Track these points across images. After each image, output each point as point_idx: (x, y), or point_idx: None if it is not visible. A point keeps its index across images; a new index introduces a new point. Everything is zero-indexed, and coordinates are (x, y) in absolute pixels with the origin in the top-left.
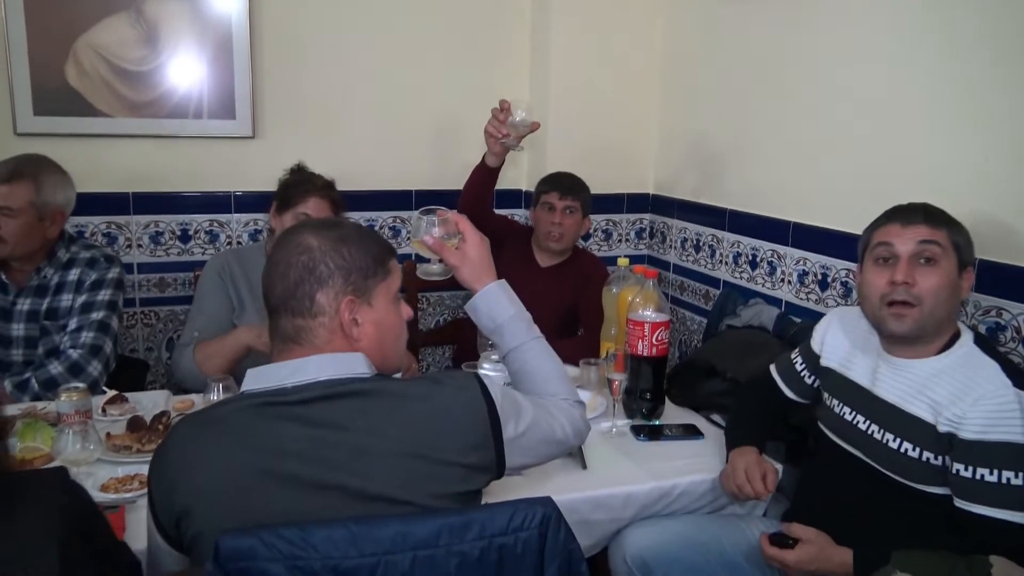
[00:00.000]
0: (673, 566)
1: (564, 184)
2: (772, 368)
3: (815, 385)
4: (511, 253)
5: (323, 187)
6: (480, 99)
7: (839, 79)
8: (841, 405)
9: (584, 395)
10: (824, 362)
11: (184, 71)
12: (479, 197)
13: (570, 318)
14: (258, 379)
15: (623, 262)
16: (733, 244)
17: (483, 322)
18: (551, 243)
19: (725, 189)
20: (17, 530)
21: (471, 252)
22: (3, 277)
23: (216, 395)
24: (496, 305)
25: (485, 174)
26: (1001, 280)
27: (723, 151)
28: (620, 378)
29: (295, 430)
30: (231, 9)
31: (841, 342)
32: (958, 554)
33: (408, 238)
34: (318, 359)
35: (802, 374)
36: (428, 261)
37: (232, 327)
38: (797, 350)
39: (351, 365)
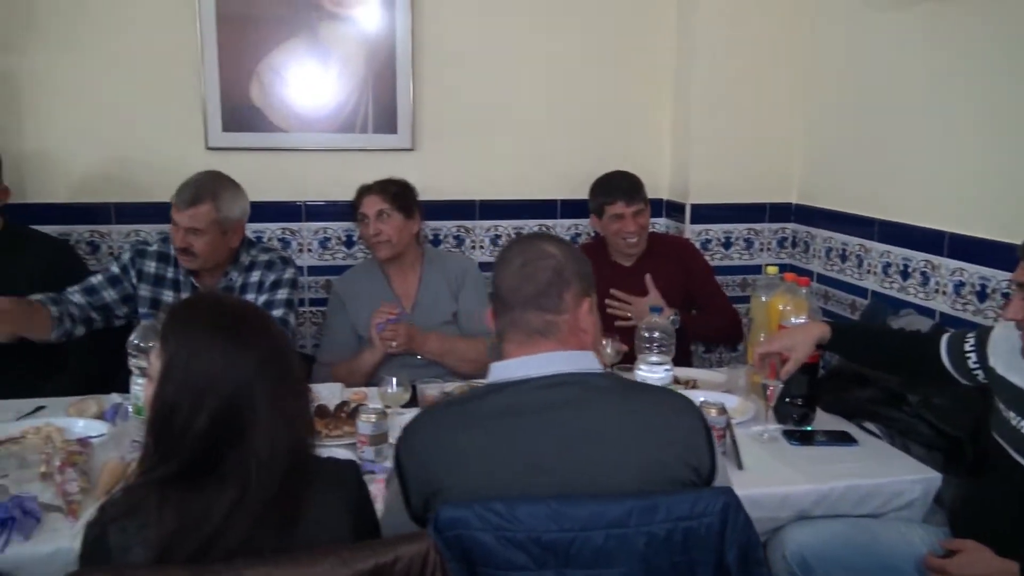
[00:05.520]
0: (834, 565)
1: (625, 189)
2: (943, 336)
3: (976, 373)
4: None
5: (375, 184)
6: (625, 111)
7: (992, 84)
8: (1019, 419)
9: (732, 399)
10: (992, 363)
11: (352, 89)
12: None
13: (687, 296)
14: (505, 371)
15: (772, 270)
16: (883, 254)
17: None
18: (631, 250)
19: (873, 199)
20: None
21: None
22: (196, 283)
23: (391, 388)
24: None
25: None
26: None
27: (870, 160)
28: (775, 385)
29: (546, 429)
30: (395, 29)
31: (1013, 356)
32: None
33: None
34: (559, 355)
35: (968, 354)
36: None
37: (358, 339)
38: (973, 332)
39: (588, 362)
